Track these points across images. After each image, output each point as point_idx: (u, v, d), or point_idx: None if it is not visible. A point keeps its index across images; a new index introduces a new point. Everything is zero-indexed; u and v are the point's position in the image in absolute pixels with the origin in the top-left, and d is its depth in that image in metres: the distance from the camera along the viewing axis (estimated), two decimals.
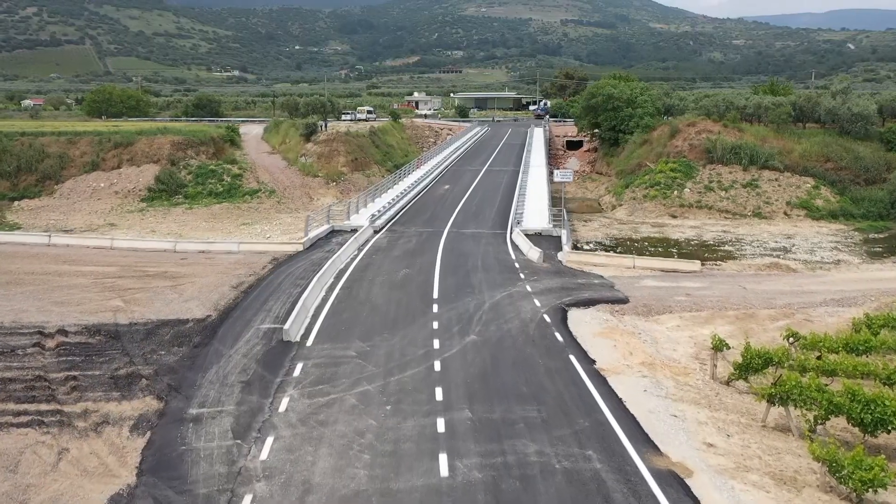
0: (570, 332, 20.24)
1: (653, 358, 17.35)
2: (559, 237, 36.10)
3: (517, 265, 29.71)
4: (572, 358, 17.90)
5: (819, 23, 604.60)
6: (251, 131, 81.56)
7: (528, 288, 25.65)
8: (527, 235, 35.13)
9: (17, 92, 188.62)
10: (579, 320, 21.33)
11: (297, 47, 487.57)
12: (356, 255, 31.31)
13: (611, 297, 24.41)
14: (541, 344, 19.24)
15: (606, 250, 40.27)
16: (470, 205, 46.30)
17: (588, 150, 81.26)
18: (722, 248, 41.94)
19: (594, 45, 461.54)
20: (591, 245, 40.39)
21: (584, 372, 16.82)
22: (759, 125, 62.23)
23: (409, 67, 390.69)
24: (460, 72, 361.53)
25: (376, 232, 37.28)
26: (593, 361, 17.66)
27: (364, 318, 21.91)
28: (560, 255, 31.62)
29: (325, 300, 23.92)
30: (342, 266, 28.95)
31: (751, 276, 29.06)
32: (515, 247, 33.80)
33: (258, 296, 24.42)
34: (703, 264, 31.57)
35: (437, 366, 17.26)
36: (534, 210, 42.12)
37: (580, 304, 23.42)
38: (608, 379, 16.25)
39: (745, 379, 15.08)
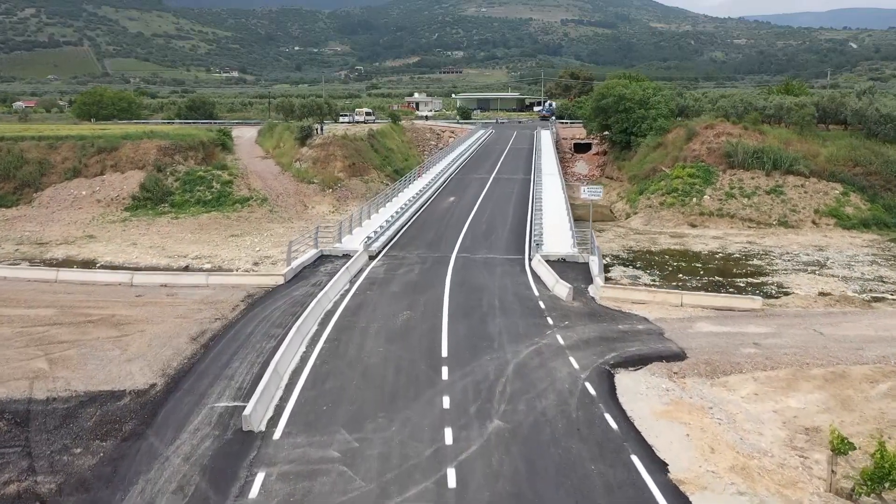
0: (623, 413, 15.63)
1: (743, 456, 12.99)
2: (586, 264, 30.62)
3: (542, 305, 24.57)
4: (636, 461, 13.33)
5: (820, 22, 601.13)
6: (245, 134, 77.77)
7: (560, 339, 20.72)
8: (548, 262, 29.83)
9: (12, 94, 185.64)
10: (632, 390, 16.74)
11: (296, 48, 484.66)
12: (347, 291, 26.16)
13: (664, 352, 19.63)
14: (589, 435, 14.59)
15: (625, 265, 36.35)
16: (479, 221, 40.69)
17: (597, 154, 77.45)
18: (750, 261, 38.18)
19: (595, 44, 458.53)
20: (607, 259, 35.36)
21: (656, 487, 12.27)
22: (781, 127, 58.63)
23: (410, 68, 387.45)
24: (461, 72, 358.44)
25: (372, 258, 31.65)
26: (665, 467, 13.10)
27: (353, 389, 17.10)
28: (592, 290, 26.38)
29: (304, 359, 19.10)
30: (329, 307, 23.79)
31: (821, 314, 24.57)
32: (537, 278, 28.45)
33: (221, 352, 19.61)
34: (754, 294, 26.71)
35: (452, 478, 12.60)
36: (552, 229, 36.44)
37: (628, 364, 18.75)
38: (692, 501, 11.80)
39: (879, 495, 10.98)
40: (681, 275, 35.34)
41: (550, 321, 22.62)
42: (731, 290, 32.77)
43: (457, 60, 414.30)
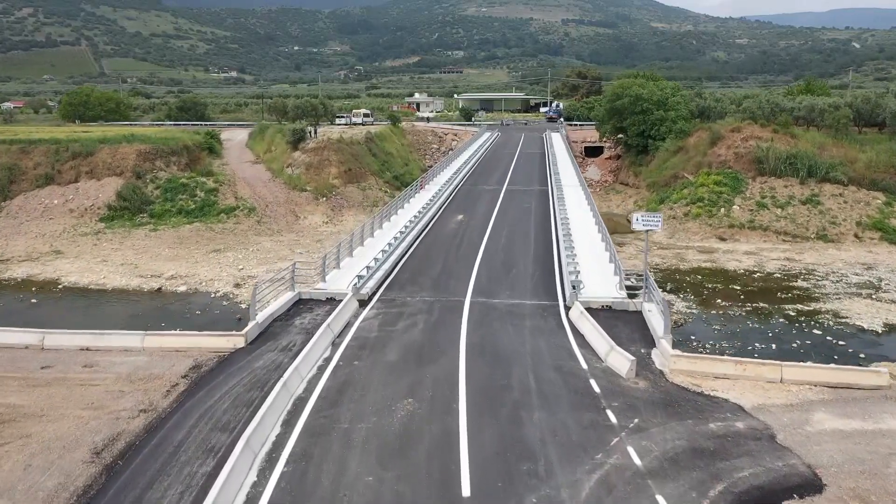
0: None
1: None
2: (639, 314, 23.13)
3: (595, 387, 17.59)
4: None
5: (821, 22, 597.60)
6: (235, 137, 73.75)
7: (634, 456, 14.18)
8: (588, 310, 22.75)
9: (5, 94, 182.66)
10: None
11: (296, 48, 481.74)
12: (328, 359, 19.13)
13: (789, 477, 13.50)
14: None
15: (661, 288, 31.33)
16: (495, 248, 33.29)
17: (609, 158, 73.22)
18: (794, 283, 33.89)
19: (596, 44, 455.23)
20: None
21: None
22: (813, 130, 54.57)
23: (410, 68, 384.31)
24: (461, 72, 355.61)
25: (363, 303, 24.33)
26: None
27: None
28: (657, 359, 19.24)
29: (253, 500, 12.59)
30: (300, 390, 17.07)
31: None
32: (580, 339, 21.06)
33: (130, 482, 13.12)
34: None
35: None
36: (587, 259, 29.13)
37: None
38: None
39: None
40: (719, 300, 31.19)
41: (612, 417, 15.91)
42: (780, 319, 28.54)
43: (457, 60, 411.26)
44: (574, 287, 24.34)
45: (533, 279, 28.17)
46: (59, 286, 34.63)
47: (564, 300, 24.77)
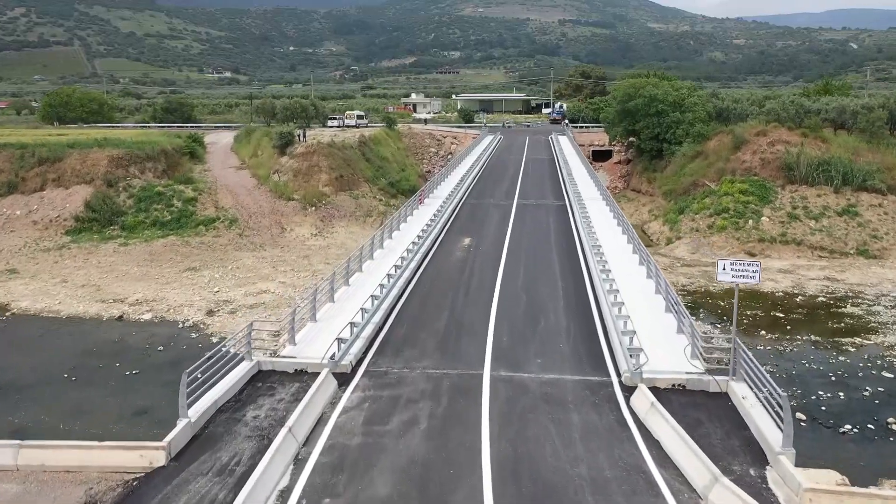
0: None
1: None
2: (725, 396, 15.96)
3: None
4: None
5: (818, 22, 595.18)
6: (221, 140, 69.35)
7: None
8: (653, 389, 15.79)
9: None
10: None
11: (291, 48, 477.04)
12: (285, 496, 12.31)
13: None
14: None
15: (693, 313, 26.16)
16: (514, 289, 25.31)
17: (619, 162, 69.05)
18: (843, 308, 29.58)
19: (593, 44, 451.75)
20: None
21: None
22: (842, 134, 50.48)
23: (406, 68, 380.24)
24: (458, 72, 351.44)
25: (343, 380, 17.00)
26: None
27: None
28: (779, 492, 12.05)
29: None
30: None
31: None
32: (654, 446, 13.82)
33: None
34: None
35: None
36: (635, 309, 21.06)
37: None
38: None
39: None
40: (763, 331, 26.89)
41: None
42: (839, 356, 24.23)
43: (454, 61, 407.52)
44: (631, 354, 16.85)
45: (569, 338, 20.68)
46: (7, 313, 30.34)
47: (618, 373, 17.42)
